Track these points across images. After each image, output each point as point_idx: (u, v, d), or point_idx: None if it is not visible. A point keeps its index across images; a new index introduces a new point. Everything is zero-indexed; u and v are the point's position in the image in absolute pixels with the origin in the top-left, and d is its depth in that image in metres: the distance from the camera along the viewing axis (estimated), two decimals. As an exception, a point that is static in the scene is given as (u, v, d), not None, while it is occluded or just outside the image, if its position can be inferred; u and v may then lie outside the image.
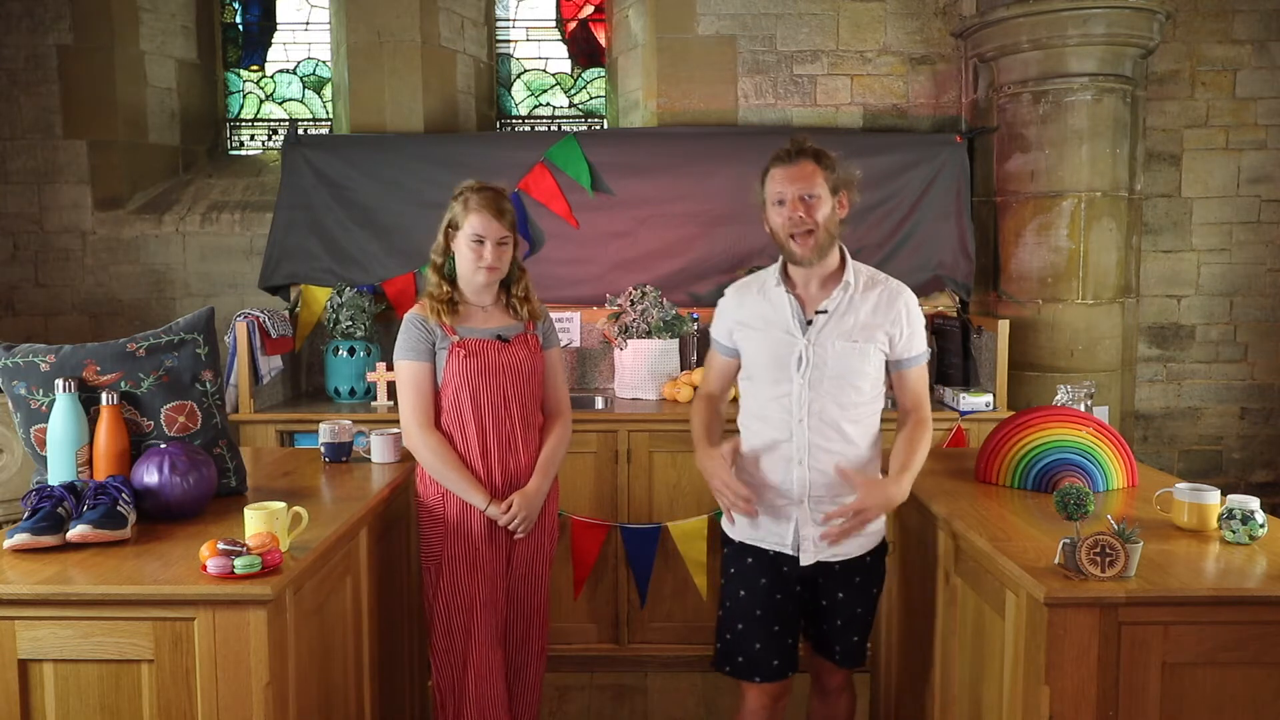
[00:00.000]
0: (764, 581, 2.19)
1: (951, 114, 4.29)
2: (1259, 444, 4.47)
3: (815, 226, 2.09)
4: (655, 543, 3.40)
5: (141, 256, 4.42)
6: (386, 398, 3.66)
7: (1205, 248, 4.38)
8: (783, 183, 2.12)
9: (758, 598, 2.19)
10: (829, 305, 2.13)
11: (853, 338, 2.11)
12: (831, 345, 2.11)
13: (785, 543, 2.16)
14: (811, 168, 2.11)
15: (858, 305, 2.14)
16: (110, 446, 2.02)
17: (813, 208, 2.09)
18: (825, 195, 2.11)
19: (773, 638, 2.18)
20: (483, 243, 2.37)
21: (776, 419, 2.14)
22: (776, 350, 2.15)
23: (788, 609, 2.20)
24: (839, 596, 2.19)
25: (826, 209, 2.11)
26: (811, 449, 2.12)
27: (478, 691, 2.38)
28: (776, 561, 2.18)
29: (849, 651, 2.24)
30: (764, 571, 2.19)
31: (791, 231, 2.10)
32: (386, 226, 4.04)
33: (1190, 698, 1.67)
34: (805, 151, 2.13)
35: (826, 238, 2.11)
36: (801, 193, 2.09)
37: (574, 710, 3.21)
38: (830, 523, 2.07)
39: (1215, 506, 1.94)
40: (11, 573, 1.68)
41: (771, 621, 2.18)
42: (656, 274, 3.99)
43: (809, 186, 2.10)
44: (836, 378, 2.10)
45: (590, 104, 4.83)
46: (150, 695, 1.65)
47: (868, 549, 2.20)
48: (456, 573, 2.39)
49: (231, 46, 4.87)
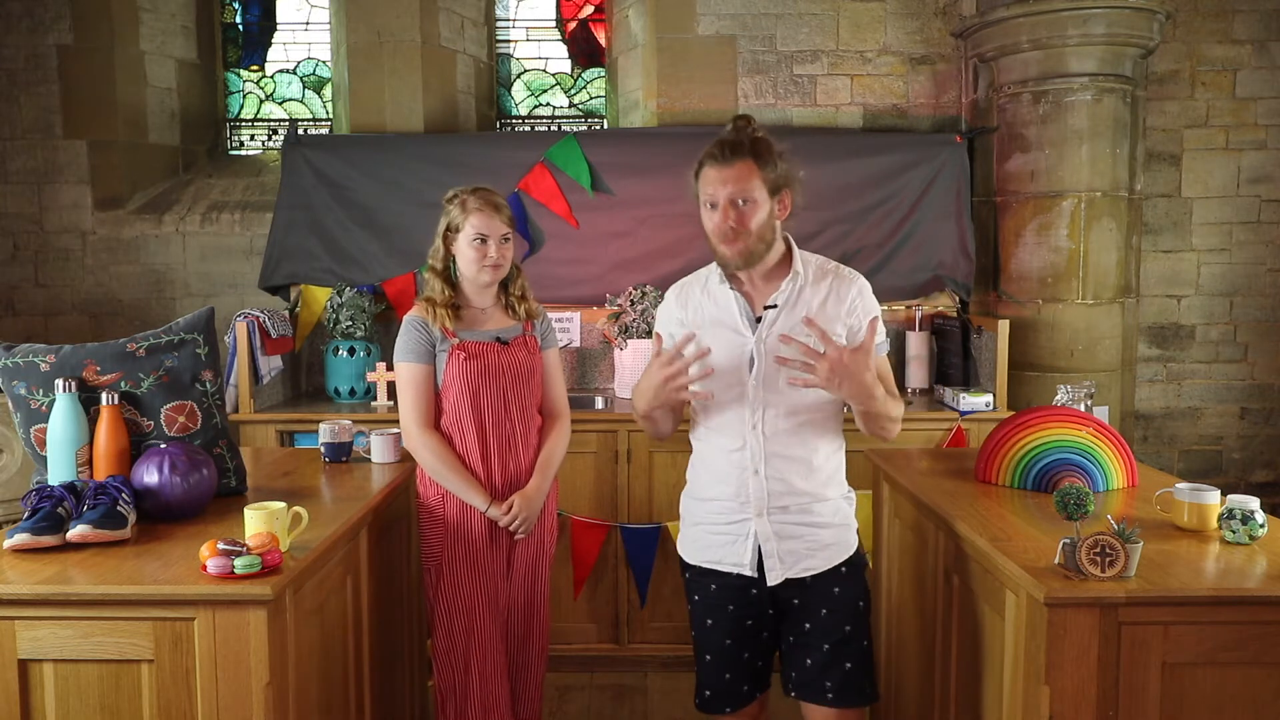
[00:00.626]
0: (731, 608, 2.00)
1: (951, 114, 4.29)
2: (1259, 444, 4.47)
3: (746, 234, 1.91)
4: (655, 543, 3.40)
5: (141, 256, 4.42)
6: (386, 398, 3.66)
7: (1205, 248, 4.38)
8: (715, 184, 1.93)
9: (725, 626, 2.01)
10: (778, 299, 1.96)
11: (806, 332, 1.91)
12: (782, 343, 1.93)
13: (744, 562, 1.97)
14: (748, 167, 1.90)
15: (809, 297, 1.97)
16: (110, 446, 2.02)
17: (745, 215, 1.91)
18: (761, 199, 1.92)
19: (741, 665, 2.03)
20: (486, 241, 2.39)
21: (729, 426, 1.98)
22: (725, 352, 1.96)
23: (761, 633, 2.03)
24: (821, 614, 1.97)
25: (762, 214, 1.92)
26: (768, 457, 1.95)
27: (482, 692, 2.38)
28: (741, 582, 1.99)
29: (844, 686, 1.96)
30: (730, 597, 2.00)
31: (722, 238, 1.94)
32: (386, 226, 4.04)
33: (1190, 698, 1.66)
34: (742, 147, 1.92)
35: (760, 244, 1.94)
36: (734, 197, 1.91)
37: (574, 710, 3.21)
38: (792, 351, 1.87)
39: (1215, 506, 1.94)
40: (11, 573, 1.68)
41: (742, 648, 2.02)
42: (656, 274, 3.99)
43: (743, 190, 1.90)
44: (791, 378, 1.92)
45: (590, 104, 4.83)
46: (150, 695, 1.65)
47: (838, 560, 2.00)
48: (457, 574, 2.39)
49: (231, 46, 4.87)
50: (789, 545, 1.96)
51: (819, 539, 1.98)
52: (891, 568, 2.63)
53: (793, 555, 1.96)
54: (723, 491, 2.01)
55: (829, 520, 2.00)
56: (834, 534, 2.00)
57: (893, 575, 2.62)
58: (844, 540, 2.02)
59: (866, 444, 2.40)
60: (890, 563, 2.64)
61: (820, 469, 2.00)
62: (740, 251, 1.93)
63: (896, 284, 4.02)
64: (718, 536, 2.02)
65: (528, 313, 2.52)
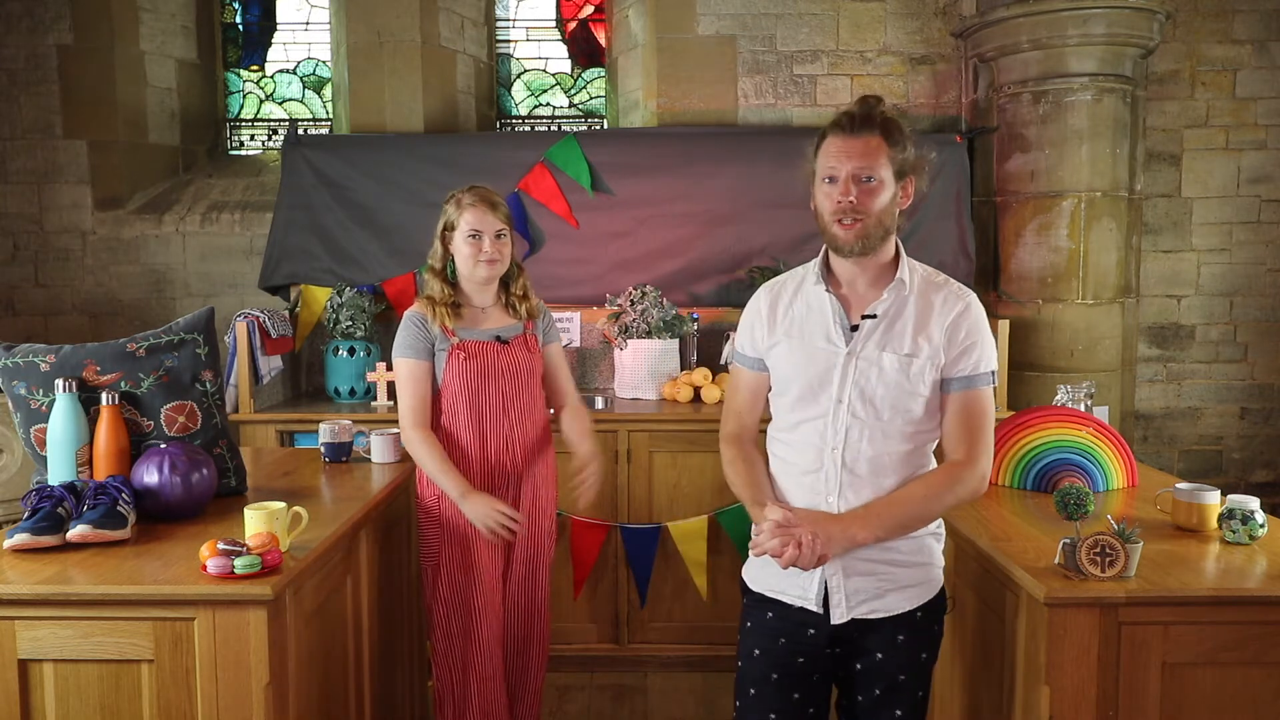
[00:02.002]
0: (783, 641, 1.80)
1: (951, 114, 4.29)
2: (1259, 444, 4.47)
3: (866, 215, 1.70)
4: (655, 543, 3.40)
5: (141, 256, 4.42)
6: (386, 398, 3.66)
7: (1205, 248, 4.38)
8: (838, 157, 1.71)
9: (774, 659, 1.80)
10: (878, 308, 1.75)
11: (905, 349, 1.72)
12: (879, 357, 1.73)
13: (809, 596, 1.76)
14: (877, 142, 1.70)
15: (912, 309, 1.75)
16: (110, 446, 2.01)
17: (869, 194, 1.70)
18: (887, 179, 1.71)
19: (790, 706, 1.80)
20: (479, 237, 2.40)
21: (806, 445, 1.77)
22: (812, 362, 1.76)
23: (812, 675, 1.81)
24: (877, 659, 1.77)
25: (885, 197, 1.71)
26: (844, 485, 1.73)
27: (480, 694, 2.38)
28: (801, 617, 1.78)
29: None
30: (786, 629, 1.80)
31: (838, 216, 1.72)
32: (386, 226, 4.03)
33: (1190, 698, 1.67)
34: (872, 121, 1.71)
35: (879, 229, 1.72)
36: (858, 172, 1.69)
37: (574, 710, 3.21)
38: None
39: (1215, 506, 1.94)
40: (11, 573, 1.68)
41: (791, 688, 1.80)
42: (656, 274, 3.99)
43: (869, 166, 1.69)
44: (881, 398, 1.72)
45: (590, 104, 4.83)
46: (150, 695, 1.65)
47: (918, 602, 1.77)
48: (454, 575, 2.39)
49: (231, 46, 4.87)
50: (858, 583, 1.75)
51: (895, 579, 1.76)
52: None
53: (861, 594, 1.75)
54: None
55: (909, 559, 1.77)
56: (912, 575, 1.77)
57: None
58: (924, 581, 1.79)
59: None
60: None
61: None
62: (858, 234, 1.71)
63: (897, 284, 4.01)
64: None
65: (528, 312, 2.52)
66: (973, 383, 1.74)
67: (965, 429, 1.74)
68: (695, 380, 3.64)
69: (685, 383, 3.64)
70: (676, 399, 3.64)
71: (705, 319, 3.96)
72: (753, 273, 3.98)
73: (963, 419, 1.74)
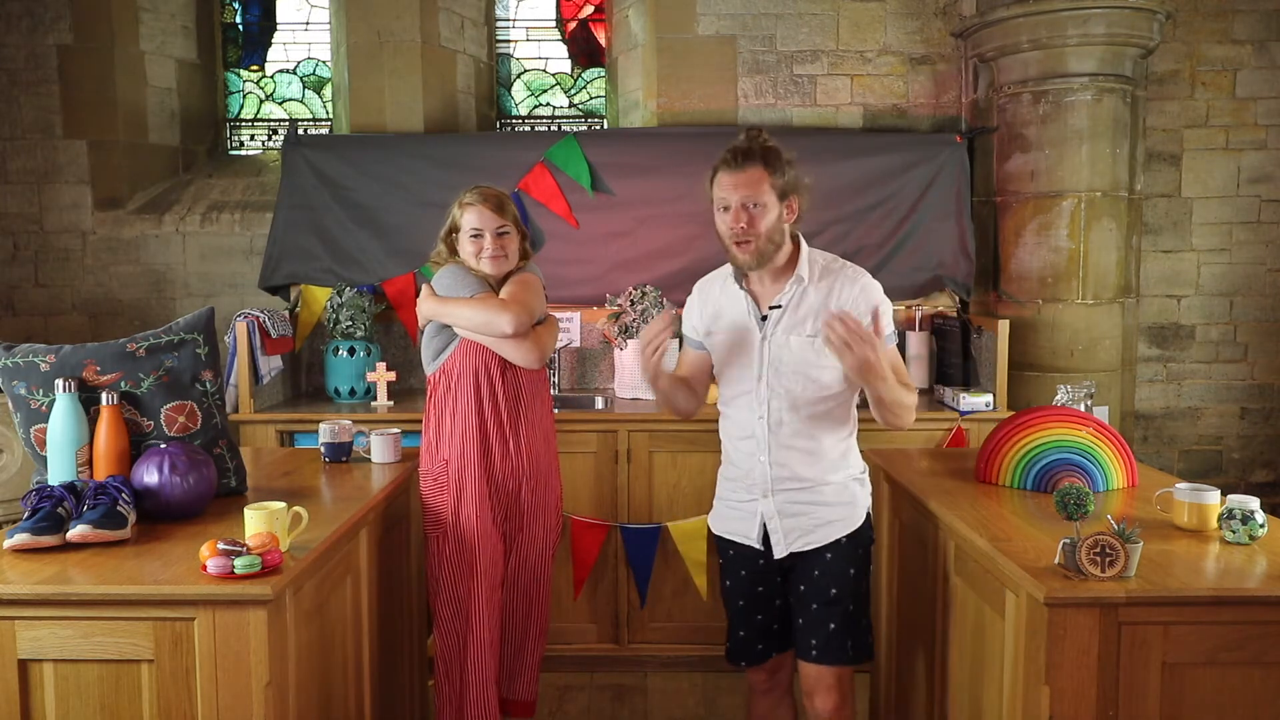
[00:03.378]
0: (743, 573, 2.23)
1: (951, 114, 4.28)
2: (1259, 444, 4.47)
3: (756, 236, 2.04)
4: (655, 543, 3.40)
5: (141, 256, 4.42)
6: (386, 398, 3.66)
7: (1205, 248, 4.38)
8: (728, 189, 2.06)
9: (740, 588, 2.25)
10: (782, 299, 2.11)
11: (808, 331, 2.08)
12: (787, 340, 2.09)
13: (752, 536, 2.18)
14: (758, 174, 2.04)
15: (811, 296, 2.10)
16: (110, 446, 2.02)
17: (756, 218, 2.04)
18: (771, 202, 2.05)
19: (755, 625, 2.25)
20: (481, 235, 2.43)
21: (740, 417, 2.17)
22: (735, 347, 2.15)
23: (773, 600, 2.24)
24: (814, 575, 2.15)
25: (771, 217, 2.05)
26: (773, 446, 2.12)
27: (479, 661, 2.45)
28: (752, 552, 2.20)
29: (826, 644, 2.12)
30: (743, 563, 2.23)
31: (734, 240, 2.07)
32: (386, 226, 4.03)
33: (1190, 698, 1.67)
34: (753, 154, 2.05)
35: (769, 245, 2.07)
36: (745, 201, 2.04)
37: (574, 710, 3.21)
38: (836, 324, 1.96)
39: (1215, 506, 1.94)
40: (11, 573, 1.68)
41: (754, 610, 2.24)
42: (656, 274, 3.99)
43: (753, 194, 2.04)
44: (795, 373, 2.09)
45: (590, 104, 4.83)
46: (150, 695, 1.65)
47: (844, 533, 2.16)
48: (462, 540, 2.46)
49: (231, 46, 4.87)
50: (791, 523, 2.14)
51: (821, 516, 2.14)
52: (891, 568, 2.63)
53: (795, 531, 2.14)
54: (736, 473, 2.21)
55: (833, 500, 2.15)
56: (836, 512, 2.15)
57: (893, 575, 2.62)
58: (847, 518, 2.16)
59: (866, 443, 2.40)
60: (890, 563, 2.64)
61: (824, 455, 2.15)
62: (752, 252, 2.06)
63: (896, 284, 4.01)
64: (733, 511, 2.23)
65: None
66: (887, 340, 2.10)
67: (896, 373, 2.09)
68: (695, 380, 3.64)
69: (685, 383, 3.64)
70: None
71: (705, 319, 3.96)
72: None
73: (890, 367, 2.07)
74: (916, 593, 2.42)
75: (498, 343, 2.40)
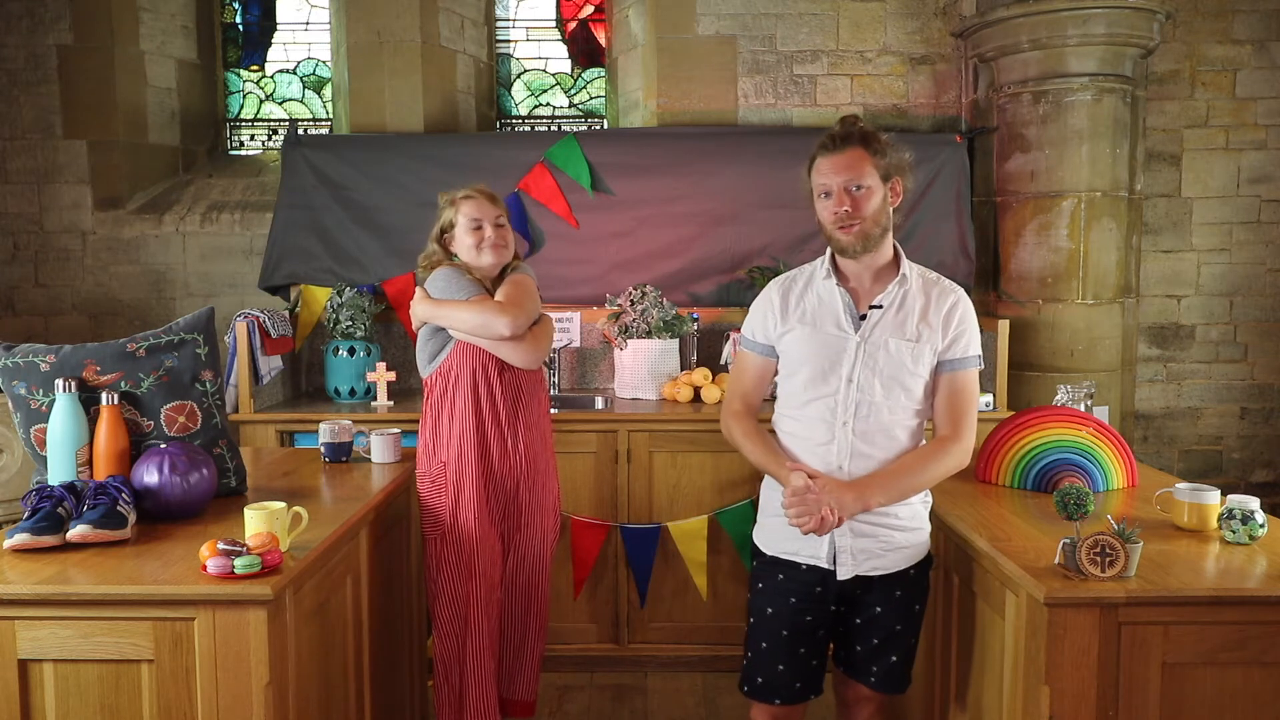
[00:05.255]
0: (794, 600, 2.01)
1: (951, 114, 4.28)
2: (1259, 444, 4.47)
3: (862, 219, 1.93)
4: (655, 543, 3.39)
5: (141, 256, 4.42)
6: (386, 398, 3.66)
7: (1205, 248, 4.38)
8: (828, 174, 1.95)
9: (785, 617, 2.02)
10: (884, 299, 1.98)
11: (908, 335, 1.96)
12: (886, 342, 1.95)
13: (820, 555, 1.98)
14: (859, 154, 1.93)
15: (913, 301, 1.99)
16: (110, 446, 2.01)
17: (860, 201, 1.93)
18: (875, 184, 1.94)
19: (797, 660, 2.03)
20: (481, 225, 2.44)
21: (818, 420, 1.98)
22: (825, 347, 1.98)
23: (817, 630, 2.04)
24: (876, 611, 2.01)
25: (876, 200, 1.95)
26: (854, 455, 1.95)
27: (478, 663, 2.45)
28: (810, 577, 2.00)
29: (886, 674, 2.04)
30: (795, 589, 2.01)
31: (838, 225, 1.95)
32: (386, 226, 4.03)
33: (1190, 698, 1.67)
34: (852, 137, 1.95)
35: (875, 229, 1.95)
36: (848, 184, 1.93)
37: (574, 710, 3.21)
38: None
39: (1215, 506, 1.94)
40: (11, 573, 1.68)
41: (798, 643, 2.03)
42: (656, 274, 3.99)
43: (856, 176, 1.93)
44: (888, 378, 1.95)
45: (590, 104, 4.83)
46: (150, 695, 1.65)
47: (912, 561, 2.02)
48: (460, 541, 2.45)
49: (231, 46, 4.87)
50: (863, 543, 1.97)
51: (893, 540, 1.99)
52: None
53: (864, 554, 1.97)
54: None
55: (905, 523, 2.00)
56: (908, 537, 2.01)
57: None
58: (916, 543, 2.03)
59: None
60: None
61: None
62: (858, 235, 1.95)
63: (897, 284, 4.01)
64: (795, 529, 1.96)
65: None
66: (963, 364, 1.99)
67: (953, 407, 1.99)
68: (695, 380, 3.64)
69: (685, 383, 3.64)
70: (676, 399, 3.64)
71: (705, 319, 3.96)
72: (752, 273, 3.98)
73: (951, 397, 1.99)
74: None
75: (495, 344, 2.40)
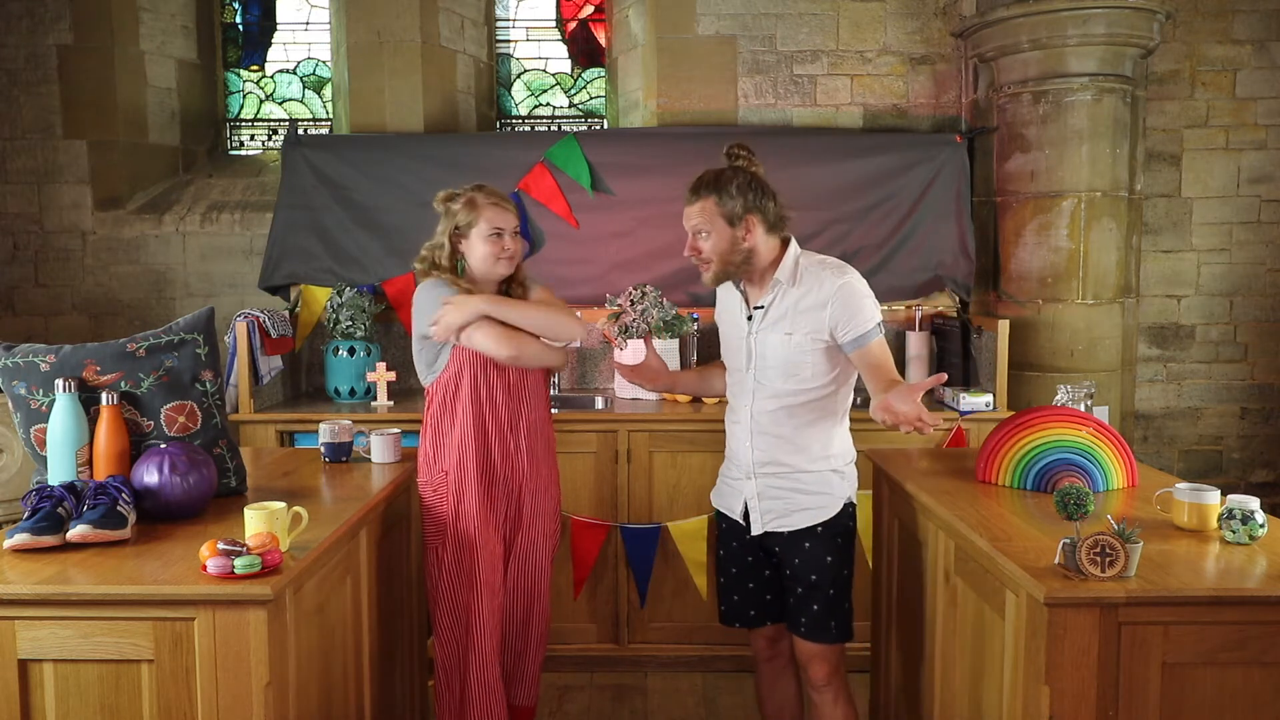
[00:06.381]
0: (734, 544, 2.42)
1: (951, 114, 4.28)
2: (1259, 444, 4.47)
3: (708, 261, 2.24)
4: (655, 543, 3.40)
5: (141, 256, 4.42)
6: (386, 398, 3.66)
7: (1205, 248, 4.38)
8: (686, 218, 2.27)
9: (733, 557, 2.43)
10: (764, 301, 2.28)
11: (786, 330, 2.24)
12: (769, 338, 2.26)
13: (736, 512, 2.38)
14: (707, 204, 2.22)
15: (792, 298, 2.25)
16: (110, 446, 2.02)
17: (702, 246, 2.24)
18: (718, 229, 2.21)
19: (748, 593, 2.42)
20: (502, 235, 2.44)
21: (737, 403, 2.37)
22: (732, 340, 2.37)
23: (761, 568, 2.40)
24: (795, 563, 2.31)
25: (720, 241, 2.22)
26: (755, 432, 2.30)
27: (481, 671, 2.44)
28: (739, 527, 2.38)
29: (813, 623, 2.31)
30: (735, 535, 2.41)
31: (695, 262, 2.28)
32: (386, 226, 4.03)
33: (1190, 698, 1.67)
34: (702, 185, 2.24)
35: (726, 266, 2.24)
36: (695, 229, 2.25)
37: (574, 710, 3.21)
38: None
39: (1215, 506, 1.94)
40: (11, 573, 1.68)
41: (746, 579, 2.42)
42: (656, 274, 3.99)
43: (701, 223, 2.23)
44: (777, 368, 2.25)
45: (590, 104, 4.83)
46: (150, 695, 1.65)
47: (814, 522, 2.29)
48: (460, 550, 2.45)
49: (231, 46, 4.87)
50: (769, 504, 2.32)
51: (797, 503, 2.30)
52: (891, 568, 2.63)
53: (771, 513, 2.32)
54: (729, 454, 2.43)
55: (810, 488, 2.30)
56: (812, 500, 2.30)
57: (893, 576, 2.62)
58: (823, 506, 2.31)
59: (866, 443, 2.41)
60: (890, 563, 2.64)
61: (804, 446, 2.29)
62: (710, 273, 2.28)
63: (896, 284, 4.02)
64: (726, 487, 2.44)
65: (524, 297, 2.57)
66: (863, 340, 2.20)
67: (875, 372, 2.20)
68: (695, 380, 3.64)
69: (685, 383, 3.64)
70: (676, 399, 3.64)
71: (705, 319, 3.96)
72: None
73: (869, 368, 2.21)
74: (917, 593, 2.42)
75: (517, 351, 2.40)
